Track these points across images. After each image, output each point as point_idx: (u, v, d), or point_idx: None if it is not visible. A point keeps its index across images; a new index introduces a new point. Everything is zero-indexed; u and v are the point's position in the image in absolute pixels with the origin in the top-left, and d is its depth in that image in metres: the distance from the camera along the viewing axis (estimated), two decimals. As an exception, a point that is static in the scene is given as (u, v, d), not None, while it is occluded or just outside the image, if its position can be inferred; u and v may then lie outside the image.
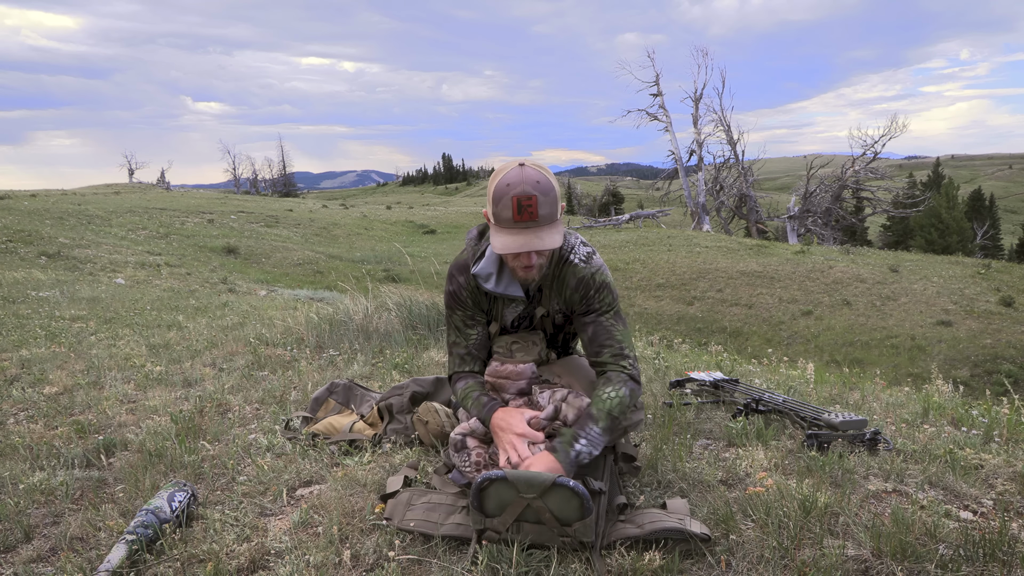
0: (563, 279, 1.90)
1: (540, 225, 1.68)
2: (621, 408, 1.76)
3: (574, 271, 1.88)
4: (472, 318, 1.98)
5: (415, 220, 35.13)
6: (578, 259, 1.89)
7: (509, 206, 1.66)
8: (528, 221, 1.67)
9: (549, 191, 1.68)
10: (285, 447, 2.37)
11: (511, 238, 1.68)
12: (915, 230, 37.60)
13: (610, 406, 1.75)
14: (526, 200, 1.65)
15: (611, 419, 1.74)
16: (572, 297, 1.90)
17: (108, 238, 17.38)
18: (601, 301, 1.87)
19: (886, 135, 28.26)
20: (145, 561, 1.61)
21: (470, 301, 1.95)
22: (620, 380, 1.80)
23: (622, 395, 1.77)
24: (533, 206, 1.65)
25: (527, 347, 1.98)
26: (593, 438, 1.71)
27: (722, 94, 32.12)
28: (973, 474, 1.96)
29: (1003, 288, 16.13)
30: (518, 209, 1.65)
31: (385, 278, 16.62)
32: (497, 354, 2.00)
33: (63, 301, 7.39)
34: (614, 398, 1.76)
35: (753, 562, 1.52)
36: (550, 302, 1.95)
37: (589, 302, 1.87)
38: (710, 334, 14.05)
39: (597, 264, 1.90)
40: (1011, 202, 76.18)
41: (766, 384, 3.20)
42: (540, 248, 1.67)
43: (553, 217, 1.70)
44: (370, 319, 4.28)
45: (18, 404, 3.10)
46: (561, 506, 1.53)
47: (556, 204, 1.71)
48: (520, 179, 1.67)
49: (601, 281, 1.88)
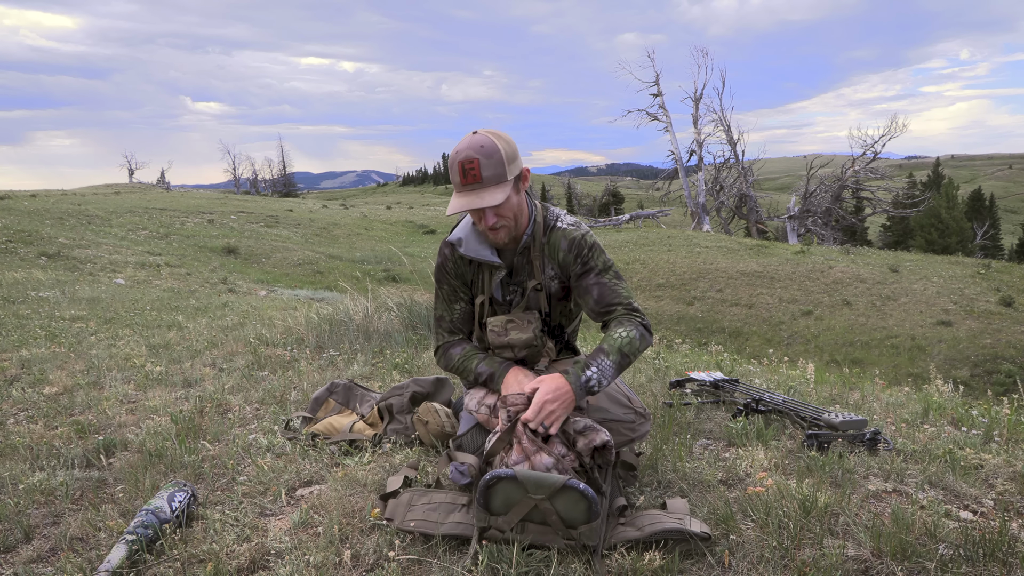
0: (554, 243, 1.94)
1: (484, 186, 1.75)
2: (632, 347, 1.81)
3: (564, 234, 1.93)
4: (456, 291, 2.04)
5: (415, 220, 35.14)
6: (565, 224, 1.95)
7: (456, 171, 1.75)
8: (472, 183, 1.75)
9: (493, 153, 1.74)
10: (285, 447, 2.37)
11: (457, 199, 1.78)
12: (915, 230, 37.61)
13: (621, 343, 1.80)
14: (468, 164, 1.73)
15: (621, 355, 1.79)
16: (566, 259, 1.93)
17: (108, 238, 17.38)
18: (597, 259, 1.92)
19: (886, 135, 28.29)
20: (145, 561, 1.61)
21: (454, 272, 2.02)
22: (632, 323, 1.85)
23: (632, 335, 1.82)
24: (476, 168, 1.73)
25: (521, 325, 1.96)
26: (604, 368, 1.77)
27: (722, 94, 32.23)
28: (973, 474, 1.97)
29: (1003, 288, 16.13)
30: (462, 172, 1.74)
31: (385, 278, 16.63)
32: (492, 333, 1.98)
33: (63, 301, 7.39)
34: (624, 336, 1.81)
35: (753, 562, 1.52)
36: (543, 272, 1.97)
37: (586, 261, 1.91)
38: (710, 334, 14.05)
39: (585, 229, 1.95)
40: (1011, 202, 76.19)
41: (766, 384, 3.20)
42: (480, 205, 1.73)
43: (499, 178, 1.76)
44: (370, 319, 4.28)
45: (18, 404, 3.10)
46: (568, 508, 1.53)
47: (502, 165, 1.75)
48: (467, 145, 1.75)
49: (592, 242, 1.93)
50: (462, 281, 2.03)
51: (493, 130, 1.81)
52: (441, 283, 2.05)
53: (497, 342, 1.98)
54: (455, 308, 2.06)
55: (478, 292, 2.03)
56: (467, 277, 2.03)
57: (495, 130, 1.82)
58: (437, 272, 2.05)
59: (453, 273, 2.02)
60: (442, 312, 2.08)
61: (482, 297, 2.02)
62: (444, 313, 2.07)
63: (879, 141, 28.50)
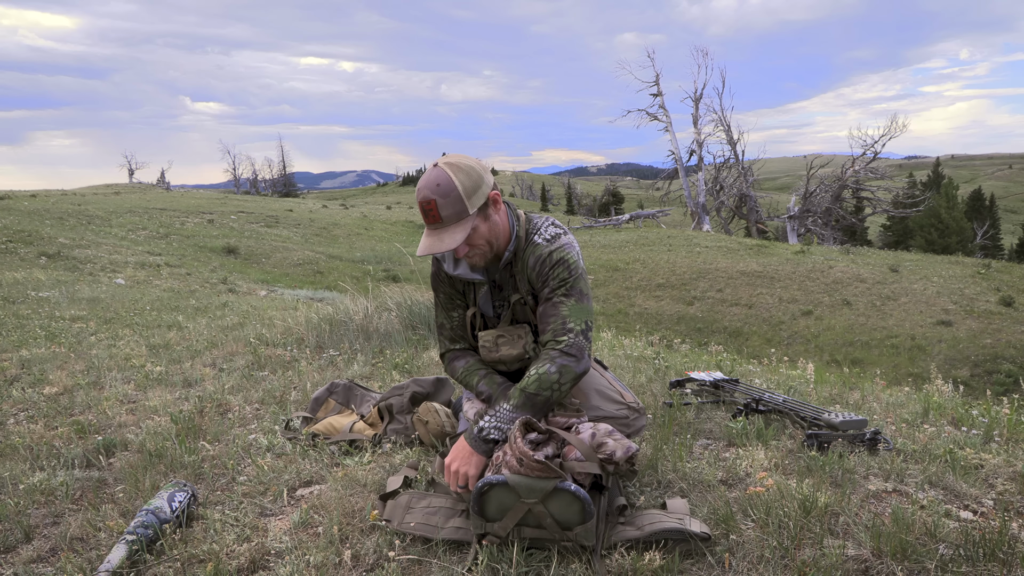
0: (524, 261, 1.91)
1: (445, 226, 1.73)
2: (539, 385, 1.74)
3: (533, 250, 1.89)
4: (451, 299, 2.05)
5: (415, 220, 35.14)
6: (541, 239, 1.89)
7: (419, 210, 1.74)
8: (434, 223, 1.73)
9: (449, 192, 1.70)
10: (285, 447, 2.37)
11: (424, 240, 1.77)
12: (915, 230, 37.61)
13: (525, 384, 1.76)
14: (427, 205, 1.72)
15: (524, 396, 1.74)
16: (530, 276, 1.90)
17: (108, 238, 17.38)
18: (555, 277, 1.84)
19: (886, 135, 28.30)
20: (145, 561, 1.61)
21: (447, 282, 2.02)
22: (548, 358, 1.78)
23: (542, 372, 1.75)
24: (434, 210, 1.71)
25: (512, 340, 1.96)
26: (501, 414, 1.74)
27: (722, 94, 32.24)
28: (973, 474, 1.96)
29: (1003, 288, 16.13)
30: (424, 213, 1.73)
31: (385, 278, 16.63)
32: (483, 348, 1.99)
33: (63, 301, 7.39)
34: (532, 376, 1.76)
35: (753, 562, 1.52)
36: (521, 285, 1.96)
37: (545, 279, 1.86)
38: (710, 334, 14.06)
39: (560, 243, 1.88)
40: (1011, 202, 76.19)
41: (766, 384, 3.20)
42: (439, 250, 1.72)
43: (459, 215, 1.73)
44: (370, 319, 4.28)
45: (18, 404, 3.10)
46: (562, 510, 1.53)
47: (461, 201, 1.72)
48: (425, 183, 1.73)
49: (559, 258, 1.85)
50: (455, 290, 2.04)
51: (453, 159, 1.77)
52: (437, 291, 2.07)
53: (489, 357, 1.98)
54: (453, 316, 2.06)
55: (469, 303, 2.04)
56: (459, 286, 2.03)
57: (456, 159, 1.77)
58: (432, 280, 2.07)
59: (446, 282, 2.02)
60: (442, 320, 2.09)
61: (473, 309, 2.03)
62: (444, 321, 2.08)
63: (879, 141, 28.52)
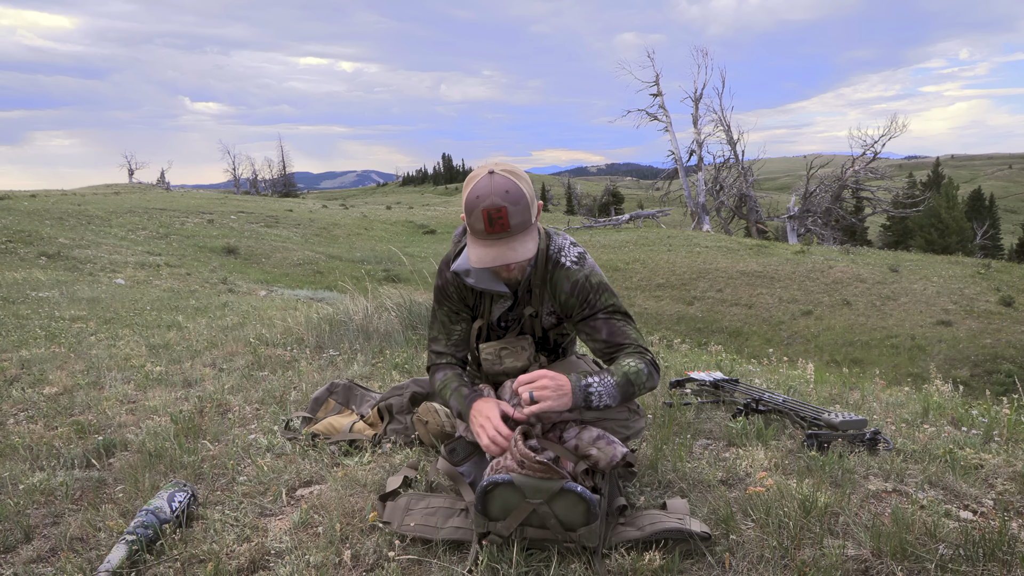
0: (555, 283, 1.85)
1: (513, 235, 1.66)
2: (639, 378, 1.72)
3: (567, 274, 1.83)
4: (457, 314, 1.97)
5: (415, 220, 35.14)
6: (569, 261, 1.84)
7: (480, 219, 1.63)
8: (500, 233, 1.64)
9: (519, 199, 1.64)
10: (285, 447, 2.37)
11: (485, 250, 1.67)
12: (915, 230, 37.61)
13: (628, 370, 1.71)
14: (496, 212, 1.62)
15: (626, 379, 1.70)
16: (569, 302, 1.84)
17: (108, 238, 17.38)
18: (605, 302, 1.82)
19: (886, 135, 28.31)
20: (145, 561, 1.61)
21: (456, 296, 1.94)
22: (644, 360, 1.76)
23: (640, 367, 1.73)
24: (504, 218, 1.62)
25: (516, 352, 1.94)
26: (606, 384, 1.68)
27: (722, 94, 32.24)
28: (973, 474, 1.96)
29: (1003, 288, 16.13)
30: (489, 222, 1.62)
31: (385, 278, 16.62)
32: (486, 361, 1.96)
33: (63, 301, 7.39)
34: (633, 366, 1.72)
35: (753, 562, 1.52)
36: (541, 303, 1.91)
37: (591, 306, 1.82)
38: (710, 334, 14.06)
39: (590, 266, 1.85)
40: (1011, 202, 76.21)
41: (766, 384, 3.20)
42: (514, 260, 1.65)
43: (526, 224, 1.67)
44: (370, 319, 4.28)
45: (18, 404, 3.10)
46: (567, 511, 1.52)
47: (528, 210, 1.67)
48: (489, 190, 1.63)
49: (598, 282, 1.83)
50: (464, 304, 1.96)
51: (508, 167, 1.70)
52: (441, 305, 1.97)
53: (492, 370, 1.95)
54: (454, 330, 1.98)
55: (480, 315, 1.98)
56: (469, 301, 1.96)
57: (510, 166, 1.71)
58: (437, 293, 1.97)
59: (456, 296, 1.94)
60: (437, 334, 2.00)
61: (480, 322, 1.97)
62: (439, 335, 2.00)
63: (879, 141, 28.53)
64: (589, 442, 1.71)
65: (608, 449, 1.69)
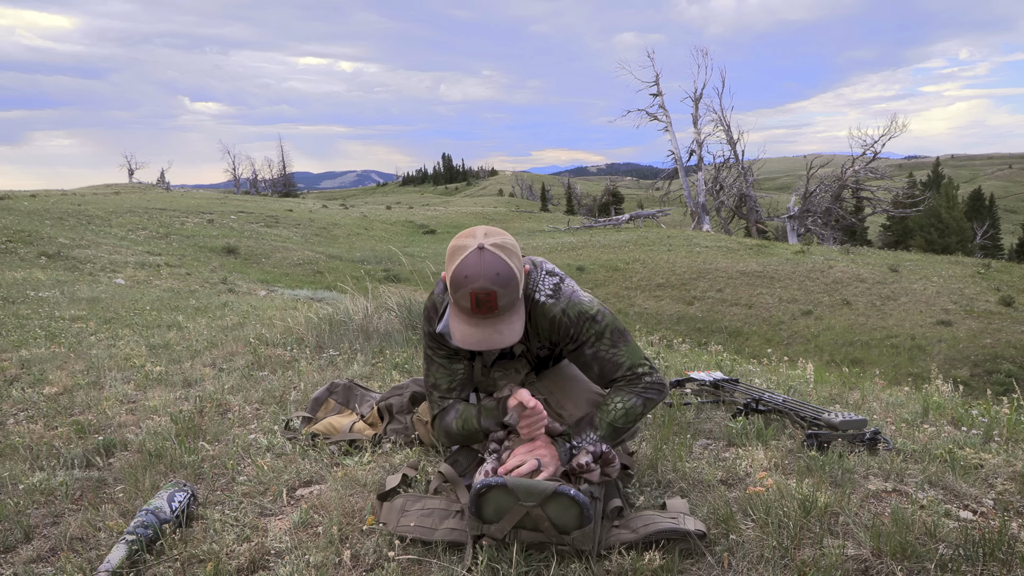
0: (535, 320, 1.81)
1: (500, 316, 1.62)
2: (627, 419, 1.73)
3: (543, 311, 1.78)
4: (456, 353, 1.88)
5: (415, 220, 35.14)
6: (544, 296, 1.78)
7: (467, 298, 1.59)
8: (487, 314, 1.61)
9: (510, 281, 1.60)
10: (285, 447, 2.37)
11: (470, 330, 1.63)
12: (915, 230, 37.62)
13: (613, 417, 1.72)
14: (485, 296, 1.57)
15: (611, 429, 1.72)
16: (553, 337, 1.82)
17: (108, 238, 17.38)
18: (588, 332, 1.76)
19: (886, 135, 28.30)
20: (145, 561, 1.61)
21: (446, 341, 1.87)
22: (633, 392, 1.75)
23: (629, 406, 1.73)
24: (492, 301, 1.58)
25: (509, 375, 1.93)
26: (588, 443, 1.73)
27: (722, 94, 32.19)
28: (973, 474, 1.97)
29: (1003, 288, 16.13)
30: (477, 304, 1.59)
31: (385, 278, 16.63)
32: (480, 383, 1.96)
33: (63, 301, 7.39)
34: (619, 409, 1.72)
35: (753, 562, 1.52)
36: (528, 339, 1.89)
37: (574, 340, 1.78)
38: (710, 334, 14.06)
39: (566, 296, 1.79)
40: (1011, 202, 76.20)
41: (766, 384, 3.20)
42: (500, 345, 1.62)
43: (512, 304, 1.64)
44: (370, 319, 4.28)
45: (18, 404, 3.10)
46: (560, 514, 1.52)
47: (517, 289, 1.63)
48: (479, 271, 1.58)
49: (577, 313, 1.76)
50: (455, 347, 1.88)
51: (498, 239, 1.64)
52: (436, 350, 1.89)
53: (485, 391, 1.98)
54: (457, 369, 1.89)
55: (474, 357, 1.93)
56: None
57: (499, 238, 1.65)
58: (429, 339, 1.88)
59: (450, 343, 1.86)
60: (437, 379, 1.90)
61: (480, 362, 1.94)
62: (440, 381, 1.90)
63: (879, 141, 28.52)
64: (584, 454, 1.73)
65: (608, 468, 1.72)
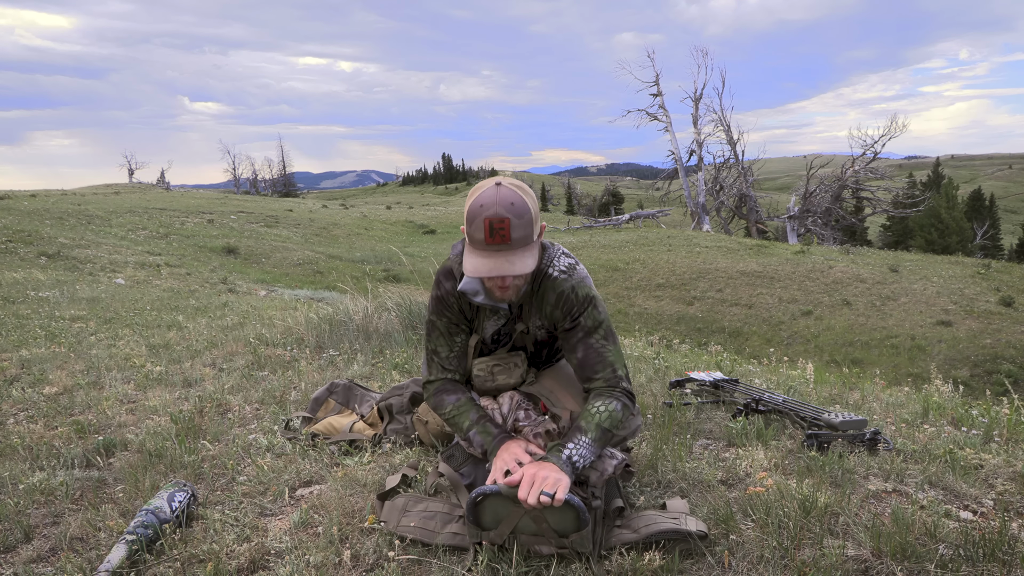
0: (543, 294, 1.82)
1: (512, 248, 1.63)
2: (612, 421, 1.71)
3: (553, 285, 1.80)
4: (456, 325, 1.92)
5: (415, 220, 35.14)
6: (557, 272, 1.81)
7: (481, 228, 1.61)
8: (500, 244, 1.62)
9: (524, 213, 1.63)
10: (285, 447, 2.37)
11: (482, 260, 1.64)
12: (915, 230, 37.62)
13: (599, 419, 1.70)
14: (498, 223, 1.60)
15: (601, 431, 1.70)
16: (554, 314, 1.82)
17: (108, 238, 17.38)
18: (587, 317, 1.79)
19: (886, 135, 28.30)
20: (145, 561, 1.61)
21: (456, 307, 1.89)
22: (612, 396, 1.76)
23: (612, 409, 1.72)
24: (505, 229, 1.60)
25: (508, 369, 1.93)
26: (582, 445, 1.67)
27: (722, 94, 32.21)
28: (973, 474, 1.97)
29: (1003, 288, 16.13)
30: (490, 232, 1.60)
31: (385, 278, 16.63)
32: (478, 378, 1.95)
33: (63, 301, 7.39)
34: (603, 412, 1.71)
35: (753, 562, 1.52)
36: (530, 318, 1.89)
37: (574, 318, 1.80)
38: (710, 334, 14.06)
39: (579, 276, 1.82)
40: (1011, 202, 76.20)
41: (766, 384, 3.20)
42: (511, 273, 1.62)
43: (527, 240, 1.65)
44: (370, 319, 4.28)
45: (18, 404, 3.10)
46: (558, 518, 1.52)
47: (531, 226, 1.65)
48: (494, 200, 1.61)
49: (584, 295, 1.79)
50: (463, 316, 1.91)
51: (516, 182, 1.69)
52: (441, 316, 1.91)
53: (484, 387, 1.94)
54: (455, 341, 1.92)
55: (475, 330, 1.95)
56: (468, 313, 1.91)
57: (518, 183, 1.70)
58: (437, 304, 1.90)
59: (456, 308, 1.89)
60: (437, 346, 1.92)
61: (476, 337, 1.95)
62: (440, 348, 1.92)
63: (879, 141, 28.52)
64: None
65: (599, 464, 1.72)
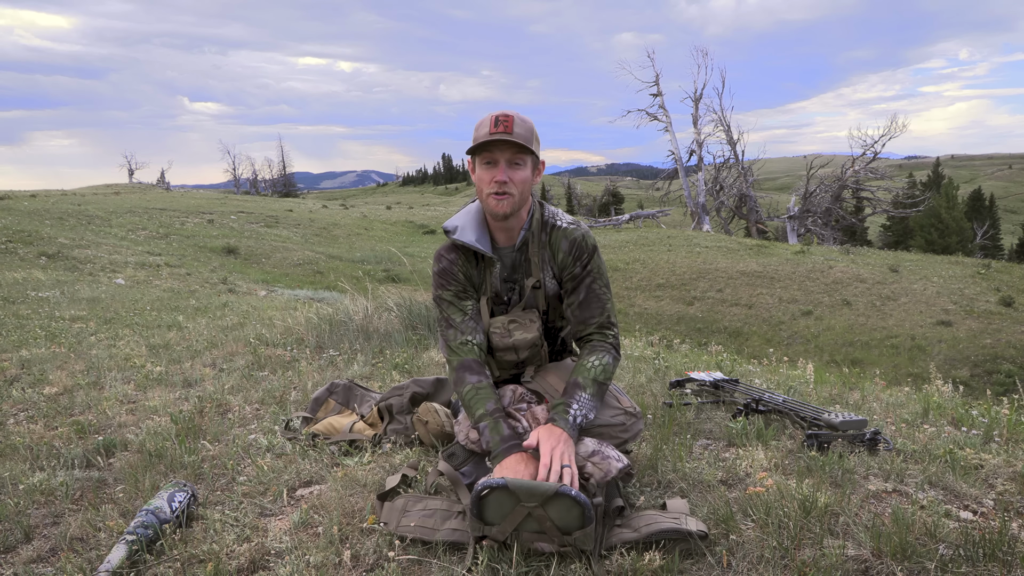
0: (554, 243, 1.94)
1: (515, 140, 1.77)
2: (606, 375, 1.84)
3: (565, 234, 1.93)
4: (464, 290, 1.98)
5: (415, 220, 35.14)
6: (565, 223, 1.95)
7: (487, 123, 1.78)
8: (503, 133, 1.76)
9: (526, 122, 1.81)
10: (285, 447, 2.37)
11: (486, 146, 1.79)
12: (915, 230, 37.62)
13: (595, 374, 1.83)
14: (503, 116, 1.77)
15: (597, 385, 1.82)
16: (565, 260, 1.93)
17: (108, 238, 17.38)
18: (594, 264, 1.93)
19: (886, 135, 28.30)
20: (145, 561, 1.61)
21: (461, 275, 1.96)
22: (603, 349, 1.89)
23: (605, 362, 1.86)
24: (509, 121, 1.77)
25: (524, 324, 1.96)
26: (584, 403, 1.78)
27: (722, 94, 32.19)
28: (973, 474, 1.96)
29: (1003, 288, 16.13)
30: (495, 122, 1.77)
31: (385, 278, 16.63)
32: (495, 334, 1.97)
33: (63, 301, 7.39)
34: (598, 366, 1.84)
35: (753, 562, 1.52)
36: (541, 271, 1.95)
37: (585, 264, 1.92)
38: (710, 334, 14.06)
39: (585, 228, 1.96)
40: (1011, 202, 76.18)
41: (766, 384, 3.20)
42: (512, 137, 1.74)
43: (528, 141, 1.79)
44: (370, 319, 4.28)
45: (18, 404, 3.10)
46: (562, 515, 1.52)
47: (532, 135, 1.81)
48: (498, 110, 1.82)
49: (592, 244, 1.95)
50: (469, 281, 1.97)
51: None
52: (447, 288, 1.96)
53: (501, 344, 1.95)
54: (467, 305, 1.96)
55: (482, 293, 1.99)
56: (474, 279, 1.98)
57: None
58: (440, 278, 1.96)
59: (460, 276, 1.95)
60: (451, 315, 1.95)
61: (488, 295, 1.99)
62: (454, 315, 1.95)
63: (879, 141, 28.52)
64: (584, 457, 1.73)
65: (603, 464, 1.72)
